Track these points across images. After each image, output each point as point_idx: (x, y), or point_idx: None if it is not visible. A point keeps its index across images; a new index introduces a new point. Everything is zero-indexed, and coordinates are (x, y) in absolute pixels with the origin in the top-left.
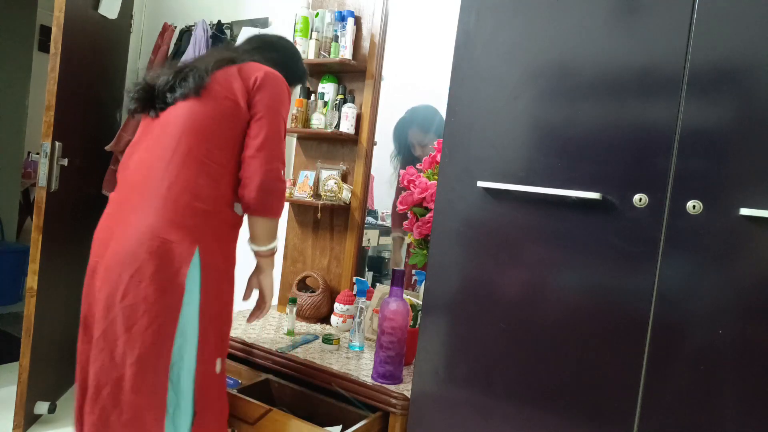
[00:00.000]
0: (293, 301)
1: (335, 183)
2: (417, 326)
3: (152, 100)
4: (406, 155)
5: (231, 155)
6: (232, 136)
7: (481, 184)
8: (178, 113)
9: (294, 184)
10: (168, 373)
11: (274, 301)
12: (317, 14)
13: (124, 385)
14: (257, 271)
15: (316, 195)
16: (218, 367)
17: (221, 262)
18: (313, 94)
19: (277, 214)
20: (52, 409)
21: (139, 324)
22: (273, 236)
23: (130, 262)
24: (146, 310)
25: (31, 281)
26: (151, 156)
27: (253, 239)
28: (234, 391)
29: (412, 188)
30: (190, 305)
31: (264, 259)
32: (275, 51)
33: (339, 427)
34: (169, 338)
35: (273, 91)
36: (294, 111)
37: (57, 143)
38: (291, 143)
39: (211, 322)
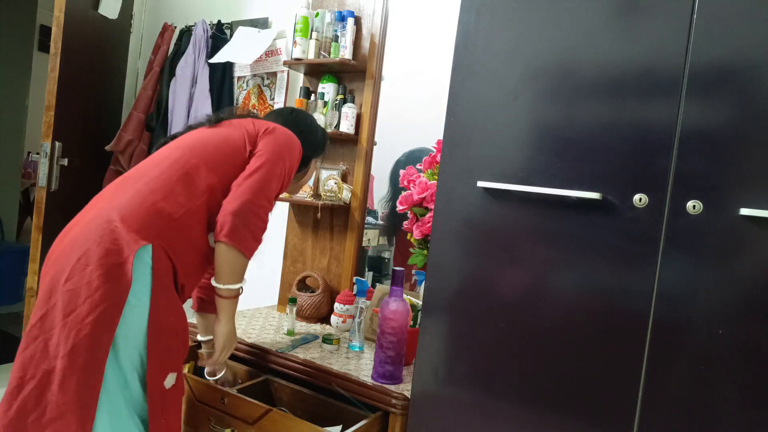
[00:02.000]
0: (293, 301)
1: (335, 183)
2: (417, 326)
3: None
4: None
5: (218, 179)
6: (227, 164)
7: (481, 184)
8: (189, 134)
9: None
10: (101, 376)
11: (274, 300)
12: (317, 14)
13: (52, 379)
14: (217, 316)
15: (316, 195)
16: (168, 382)
17: (176, 277)
18: (313, 94)
19: (246, 250)
20: None
21: (78, 311)
22: (237, 276)
23: (81, 245)
24: (88, 296)
25: (31, 281)
26: (148, 162)
27: (215, 274)
28: (234, 391)
29: (412, 188)
30: (140, 308)
31: (223, 300)
32: (292, 117)
33: (339, 427)
34: (107, 332)
35: (281, 139)
36: None
37: (57, 143)
38: None
39: (161, 333)
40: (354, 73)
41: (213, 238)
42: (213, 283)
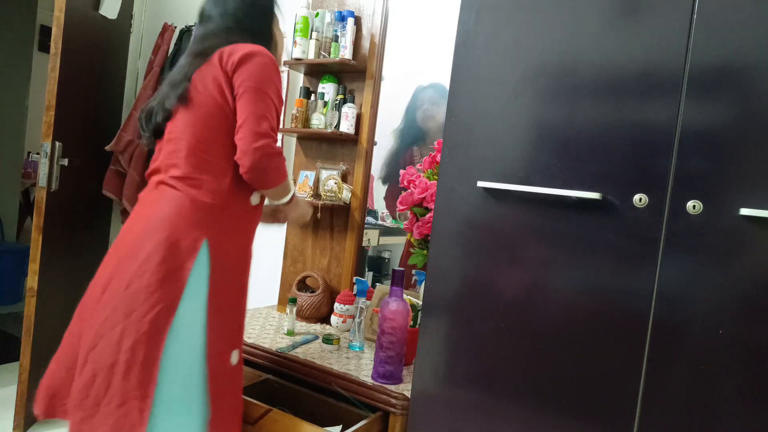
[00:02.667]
0: (293, 301)
1: (335, 183)
2: (417, 326)
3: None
4: (412, 130)
5: (230, 147)
6: (226, 128)
7: (481, 184)
8: (176, 124)
9: (294, 184)
10: (157, 367)
11: (274, 300)
12: (317, 14)
13: (117, 371)
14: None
15: (316, 195)
16: (234, 359)
17: (233, 254)
18: (313, 94)
19: (279, 182)
20: None
21: (137, 312)
22: (285, 193)
23: (139, 254)
24: (146, 299)
25: (31, 281)
26: (166, 158)
27: (269, 198)
28: None
29: (412, 188)
30: (197, 298)
31: (284, 206)
32: (230, 6)
33: (339, 427)
34: (162, 330)
35: (251, 68)
36: (294, 111)
37: (57, 143)
38: (291, 143)
39: (221, 315)
40: (354, 73)
41: (255, 196)
42: (270, 201)
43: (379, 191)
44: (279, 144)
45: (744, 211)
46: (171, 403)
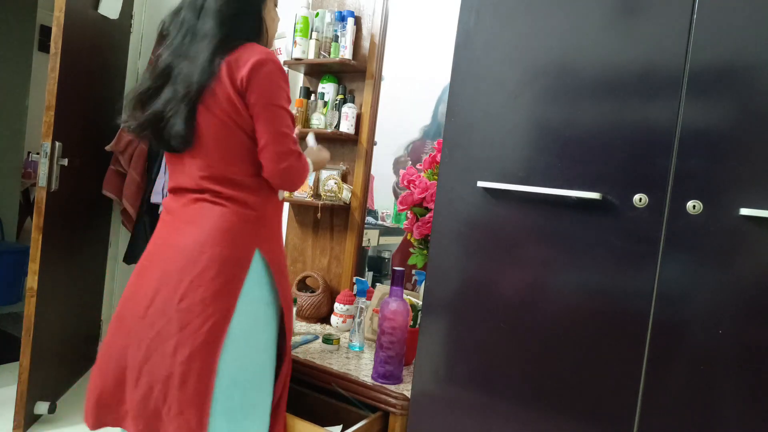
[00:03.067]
0: (293, 301)
1: (335, 183)
2: (417, 326)
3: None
4: (435, 124)
5: (259, 162)
6: (251, 147)
7: (481, 184)
8: (196, 157)
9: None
10: (214, 376)
11: None
12: (317, 14)
13: (173, 383)
14: None
15: (316, 195)
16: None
17: (278, 251)
18: (313, 94)
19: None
20: (52, 409)
21: (192, 324)
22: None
23: (191, 269)
24: (201, 311)
25: (31, 281)
26: (197, 182)
27: None
28: None
29: (412, 188)
30: (260, 305)
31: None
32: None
33: (339, 427)
34: (218, 341)
35: (261, 83)
36: (294, 111)
37: (57, 143)
38: None
39: (289, 308)
40: (354, 73)
41: (281, 193)
42: None
43: (383, 185)
44: None
45: (744, 211)
46: (232, 411)
